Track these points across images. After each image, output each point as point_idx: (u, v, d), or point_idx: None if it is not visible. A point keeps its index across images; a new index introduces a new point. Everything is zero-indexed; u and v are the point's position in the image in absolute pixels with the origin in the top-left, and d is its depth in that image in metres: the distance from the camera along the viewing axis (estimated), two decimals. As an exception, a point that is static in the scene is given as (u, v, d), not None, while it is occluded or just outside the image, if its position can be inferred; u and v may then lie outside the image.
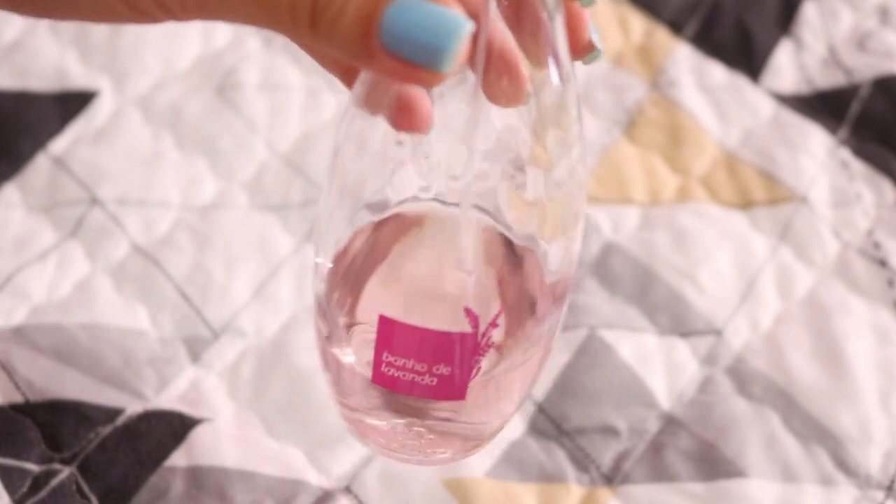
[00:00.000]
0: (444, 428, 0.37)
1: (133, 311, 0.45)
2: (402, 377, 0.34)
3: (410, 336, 0.33)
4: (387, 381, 0.34)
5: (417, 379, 0.34)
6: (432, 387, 0.34)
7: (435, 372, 0.34)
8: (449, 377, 0.34)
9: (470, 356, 0.34)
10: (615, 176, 0.51)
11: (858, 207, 0.50)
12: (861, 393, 0.44)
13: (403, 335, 0.33)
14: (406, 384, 0.34)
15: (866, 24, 0.57)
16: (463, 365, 0.34)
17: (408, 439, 0.37)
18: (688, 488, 0.42)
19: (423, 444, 0.37)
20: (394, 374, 0.34)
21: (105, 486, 0.41)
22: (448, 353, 0.33)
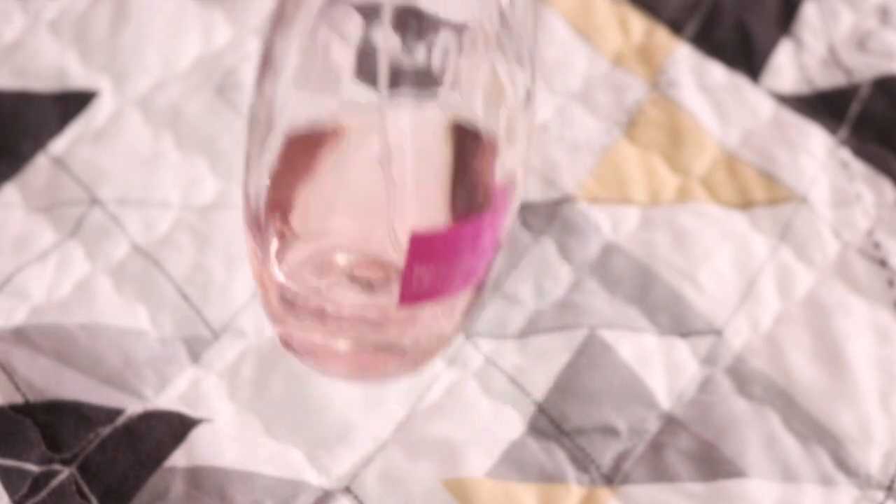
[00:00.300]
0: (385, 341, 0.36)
1: (133, 312, 0.45)
2: (433, 286, 0.33)
3: (441, 243, 0.32)
4: (416, 295, 0.33)
5: (447, 284, 0.33)
6: (454, 286, 0.33)
7: (459, 269, 0.33)
8: (469, 273, 0.33)
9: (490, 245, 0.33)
10: (615, 176, 0.51)
11: (858, 207, 0.50)
12: (861, 393, 0.44)
13: (437, 245, 0.32)
14: (436, 293, 0.33)
15: (866, 24, 0.57)
16: (486, 256, 0.33)
17: (360, 355, 0.36)
18: (688, 488, 0.42)
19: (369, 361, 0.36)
20: (425, 285, 0.33)
21: (105, 486, 0.41)
22: (474, 245, 0.32)
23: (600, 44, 0.56)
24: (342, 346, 0.35)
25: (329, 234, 0.36)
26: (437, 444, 0.42)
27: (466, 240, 0.32)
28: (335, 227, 0.34)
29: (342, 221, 0.33)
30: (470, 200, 0.35)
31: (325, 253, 0.37)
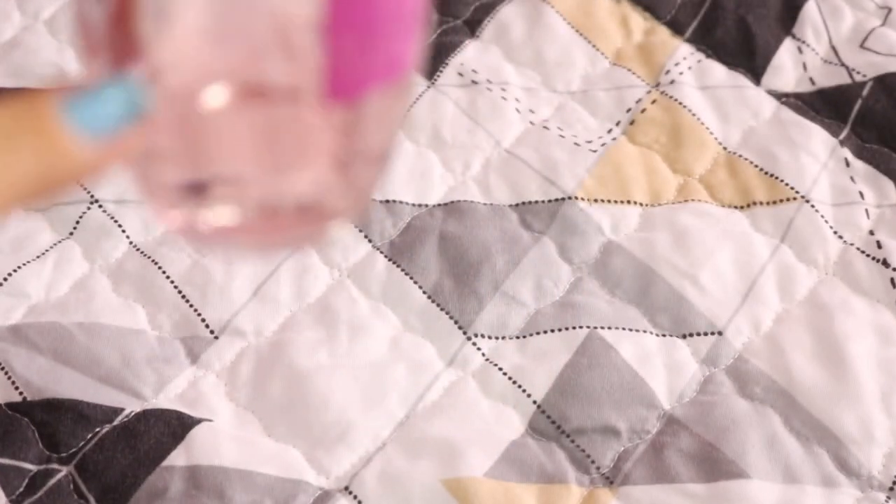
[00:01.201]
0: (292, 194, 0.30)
1: (132, 311, 0.45)
2: (359, 68, 0.27)
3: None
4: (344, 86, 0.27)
5: (379, 60, 0.27)
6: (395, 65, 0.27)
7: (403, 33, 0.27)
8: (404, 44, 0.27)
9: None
10: (616, 176, 0.51)
11: (860, 207, 0.50)
12: (863, 393, 0.44)
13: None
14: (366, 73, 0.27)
15: (868, 24, 0.57)
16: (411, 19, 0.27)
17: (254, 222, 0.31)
18: (688, 489, 0.42)
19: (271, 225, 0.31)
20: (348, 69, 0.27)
21: (103, 485, 0.41)
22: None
23: (601, 43, 0.56)
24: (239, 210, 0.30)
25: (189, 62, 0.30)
26: (437, 444, 0.42)
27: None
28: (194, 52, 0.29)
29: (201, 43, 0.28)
30: None
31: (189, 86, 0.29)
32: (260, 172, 0.29)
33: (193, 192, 0.29)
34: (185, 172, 0.29)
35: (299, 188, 0.30)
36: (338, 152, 0.29)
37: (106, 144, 0.25)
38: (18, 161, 0.24)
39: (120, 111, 0.25)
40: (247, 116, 0.28)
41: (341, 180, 0.30)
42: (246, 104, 0.28)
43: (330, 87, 0.27)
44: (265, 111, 0.28)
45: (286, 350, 0.44)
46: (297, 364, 0.44)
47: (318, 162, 0.29)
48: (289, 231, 0.31)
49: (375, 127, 0.29)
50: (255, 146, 0.29)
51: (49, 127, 0.24)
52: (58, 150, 0.25)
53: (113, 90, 0.25)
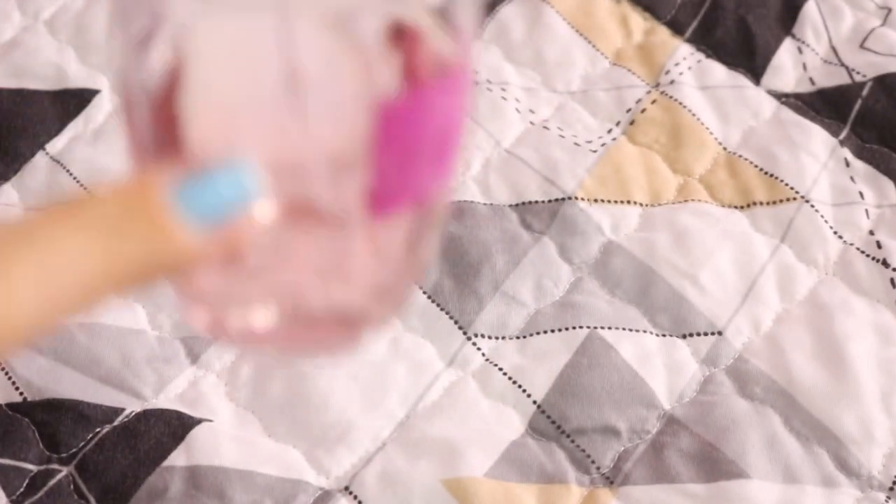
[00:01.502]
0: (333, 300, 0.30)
1: (132, 311, 0.45)
2: (402, 186, 0.27)
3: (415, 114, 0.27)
4: (386, 203, 0.27)
5: (426, 177, 0.27)
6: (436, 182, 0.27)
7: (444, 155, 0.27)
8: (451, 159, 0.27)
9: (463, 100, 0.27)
10: (616, 176, 0.51)
11: (860, 207, 0.50)
12: (862, 393, 0.44)
13: (407, 117, 0.27)
14: (408, 191, 0.27)
15: (868, 24, 0.57)
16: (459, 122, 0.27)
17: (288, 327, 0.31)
18: (688, 489, 0.42)
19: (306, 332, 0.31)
20: (391, 188, 0.27)
21: (103, 485, 0.41)
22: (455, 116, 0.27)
23: (601, 43, 0.56)
24: (273, 315, 0.31)
25: None
26: (437, 444, 0.42)
27: (439, 108, 0.27)
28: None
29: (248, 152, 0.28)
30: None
31: None
32: (297, 285, 0.29)
33: (226, 295, 0.29)
34: (221, 278, 0.29)
35: (335, 299, 0.30)
36: (376, 267, 0.30)
37: (215, 232, 0.24)
38: (125, 247, 0.23)
39: (230, 198, 0.24)
40: (289, 232, 0.28)
41: (378, 291, 0.30)
42: (288, 220, 0.28)
43: (370, 204, 0.27)
44: (307, 227, 0.28)
45: (286, 350, 0.44)
46: (296, 364, 0.44)
47: (356, 276, 0.30)
48: (321, 338, 0.31)
49: (413, 241, 0.30)
50: (294, 260, 0.29)
51: (158, 213, 0.24)
52: (166, 237, 0.24)
53: (223, 176, 0.24)
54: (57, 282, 0.22)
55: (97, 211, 0.23)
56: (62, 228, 0.22)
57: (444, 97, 0.27)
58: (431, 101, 0.27)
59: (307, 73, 0.26)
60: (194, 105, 0.27)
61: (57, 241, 0.22)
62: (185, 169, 0.24)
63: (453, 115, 0.28)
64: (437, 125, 0.28)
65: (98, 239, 0.23)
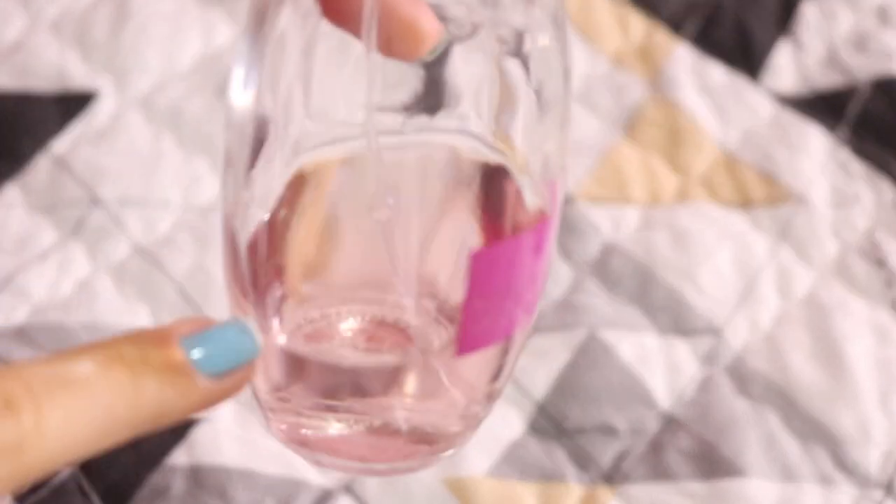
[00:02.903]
0: (416, 422, 0.32)
1: (134, 311, 0.45)
2: (492, 325, 0.29)
3: (501, 261, 0.28)
4: (476, 340, 0.29)
5: (509, 317, 0.29)
6: (522, 319, 0.29)
7: (524, 298, 0.29)
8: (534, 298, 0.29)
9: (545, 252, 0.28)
10: (615, 176, 0.51)
11: (858, 207, 0.50)
12: (860, 393, 0.44)
13: (495, 265, 0.28)
14: (496, 334, 0.29)
15: (866, 25, 0.57)
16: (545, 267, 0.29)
17: (368, 443, 0.32)
18: (687, 488, 0.42)
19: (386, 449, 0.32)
20: (485, 327, 0.29)
21: (106, 484, 0.41)
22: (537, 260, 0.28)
23: (600, 44, 0.56)
24: (355, 428, 0.31)
25: (330, 295, 0.31)
26: (438, 444, 0.42)
27: (528, 253, 0.28)
28: (337, 285, 0.30)
29: (345, 279, 0.29)
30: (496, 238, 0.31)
31: (326, 318, 0.32)
32: (380, 405, 0.31)
33: (310, 409, 0.31)
34: (307, 397, 0.30)
35: (417, 420, 0.31)
36: (459, 395, 0.31)
37: (221, 382, 0.28)
38: (142, 392, 0.26)
39: (237, 352, 0.28)
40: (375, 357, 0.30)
41: (460, 415, 0.31)
42: (376, 336, 0.30)
43: (459, 341, 0.29)
44: (392, 346, 0.30)
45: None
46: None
47: (440, 404, 0.31)
48: (400, 455, 0.32)
49: (496, 372, 0.31)
50: (379, 383, 0.30)
51: (174, 362, 0.26)
52: (180, 385, 0.27)
53: (231, 333, 0.28)
54: (83, 422, 0.25)
55: (123, 356, 0.26)
56: (91, 372, 0.25)
57: (533, 243, 0.28)
58: (522, 248, 0.28)
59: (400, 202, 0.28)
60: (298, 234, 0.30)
61: (86, 384, 0.25)
62: (199, 325, 0.27)
63: (540, 259, 0.29)
64: (525, 270, 0.29)
65: (124, 383, 0.25)
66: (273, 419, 0.33)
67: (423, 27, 0.28)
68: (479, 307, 0.29)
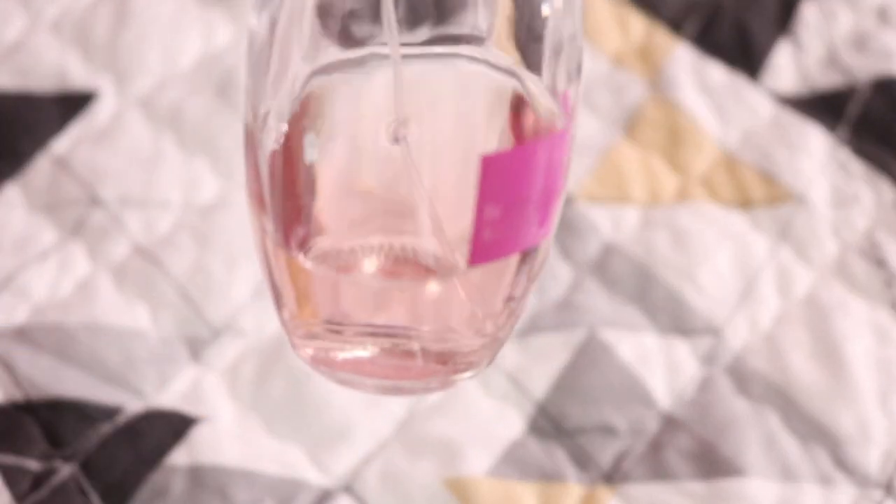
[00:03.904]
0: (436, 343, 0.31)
1: (134, 311, 0.45)
2: (506, 235, 0.28)
3: (515, 167, 0.27)
4: (488, 251, 0.28)
5: (525, 227, 0.28)
6: (536, 230, 0.28)
7: (538, 207, 0.28)
8: (549, 208, 0.28)
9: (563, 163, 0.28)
10: (615, 176, 0.51)
11: (857, 208, 0.50)
12: (860, 393, 0.44)
13: (507, 170, 0.27)
14: (510, 243, 0.28)
15: (865, 25, 0.57)
16: (560, 179, 0.28)
17: (391, 364, 0.31)
18: (687, 487, 0.42)
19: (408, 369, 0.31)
20: (496, 237, 0.28)
21: (106, 483, 0.41)
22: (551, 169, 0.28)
23: (600, 44, 0.56)
24: (378, 349, 0.31)
25: (351, 225, 0.30)
26: (438, 444, 0.42)
27: (541, 163, 0.28)
28: (358, 214, 0.29)
29: (365, 208, 0.28)
30: None
31: (351, 252, 0.31)
32: (401, 326, 0.30)
33: (334, 336, 0.31)
34: (329, 321, 0.30)
35: (438, 342, 0.31)
36: (477, 314, 0.31)
37: None
38: None
39: None
40: (395, 282, 0.30)
41: (479, 337, 0.31)
42: (395, 270, 0.29)
43: (473, 253, 0.28)
44: (412, 277, 0.30)
45: (288, 349, 0.44)
46: (299, 363, 0.44)
47: (458, 322, 0.31)
48: (418, 375, 0.32)
49: (514, 290, 0.30)
50: (399, 308, 0.30)
51: None
52: None
53: None
54: None
55: None
56: None
57: (546, 153, 0.28)
58: (534, 156, 0.28)
59: (416, 124, 0.28)
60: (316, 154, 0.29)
61: None
62: None
63: (554, 170, 0.29)
64: (538, 179, 0.28)
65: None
66: (299, 344, 0.32)
67: None
68: (490, 214, 0.28)
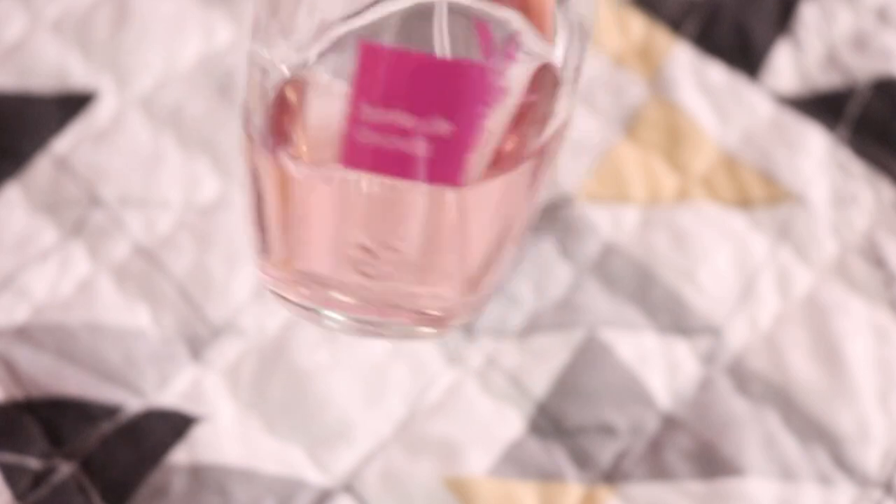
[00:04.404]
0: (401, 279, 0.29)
1: (134, 310, 0.45)
2: (383, 144, 0.25)
3: (403, 69, 0.25)
4: (361, 156, 0.25)
5: (404, 146, 0.25)
6: (421, 158, 0.25)
7: (429, 131, 0.25)
8: (446, 143, 0.25)
9: (476, 101, 0.25)
10: (614, 176, 0.51)
11: (857, 207, 0.50)
12: (859, 392, 0.45)
13: (394, 69, 0.25)
14: (389, 157, 0.25)
15: (865, 25, 0.57)
16: (466, 117, 0.25)
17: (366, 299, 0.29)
18: (687, 487, 0.42)
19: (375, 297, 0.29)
20: (373, 141, 0.25)
21: (106, 482, 0.41)
22: (451, 95, 0.25)
23: (600, 44, 0.56)
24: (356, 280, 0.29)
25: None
26: (438, 443, 0.43)
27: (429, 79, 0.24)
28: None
29: None
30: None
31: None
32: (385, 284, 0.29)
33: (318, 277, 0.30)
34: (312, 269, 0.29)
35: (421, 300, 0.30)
36: (463, 256, 0.30)
37: None
38: None
39: None
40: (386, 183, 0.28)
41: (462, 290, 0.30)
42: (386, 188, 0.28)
43: (343, 154, 0.26)
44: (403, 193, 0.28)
45: (288, 348, 0.44)
46: (298, 362, 0.44)
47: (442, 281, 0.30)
48: (389, 318, 0.31)
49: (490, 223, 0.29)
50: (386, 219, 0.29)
51: None
52: None
53: None
54: None
55: None
56: None
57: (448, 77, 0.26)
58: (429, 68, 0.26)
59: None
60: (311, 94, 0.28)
61: None
62: None
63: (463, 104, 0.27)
64: (428, 99, 0.26)
65: None
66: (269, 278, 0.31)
67: None
68: (366, 114, 0.25)
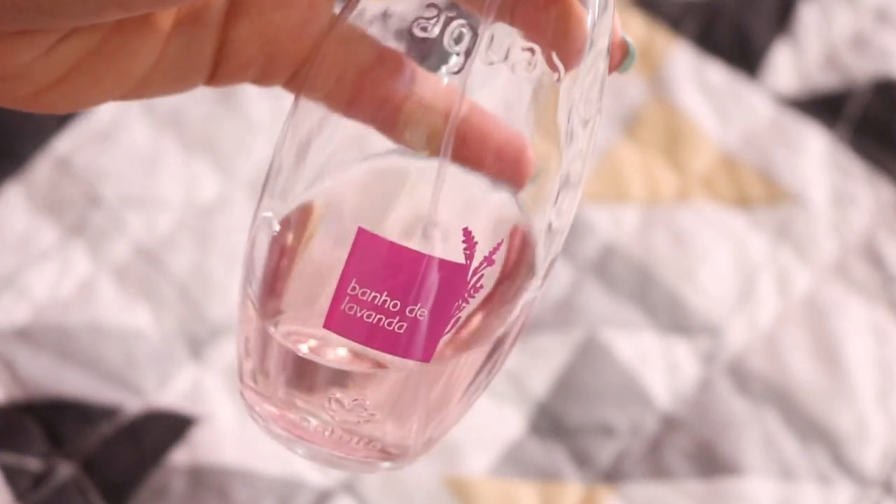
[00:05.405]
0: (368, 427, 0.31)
1: (134, 310, 0.45)
2: (365, 318, 0.28)
3: (394, 260, 0.28)
4: (345, 324, 0.28)
5: (384, 322, 0.28)
6: (397, 336, 0.28)
7: (408, 314, 0.28)
8: (422, 326, 0.28)
9: (454, 297, 0.28)
10: (614, 176, 0.51)
11: (857, 207, 0.50)
12: (858, 392, 0.45)
13: (383, 258, 0.28)
14: (366, 329, 0.28)
15: (864, 25, 0.57)
16: (442, 308, 0.28)
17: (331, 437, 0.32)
18: (686, 486, 0.42)
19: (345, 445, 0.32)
20: (356, 314, 0.28)
21: (106, 483, 0.41)
22: (432, 289, 0.28)
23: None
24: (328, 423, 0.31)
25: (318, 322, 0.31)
26: (437, 443, 0.43)
27: (414, 273, 0.28)
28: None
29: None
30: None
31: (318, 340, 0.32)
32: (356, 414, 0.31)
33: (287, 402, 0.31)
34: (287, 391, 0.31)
35: (377, 432, 0.31)
36: (430, 413, 0.31)
37: None
38: None
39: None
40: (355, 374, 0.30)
41: (416, 433, 0.32)
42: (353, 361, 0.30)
43: (327, 317, 0.29)
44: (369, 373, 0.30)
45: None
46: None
47: (411, 419, 0.31)
48: (357, 458, 0.32)
49: (452, 391, 0.31)
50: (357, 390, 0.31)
51: None
52: None
53: None
54: None
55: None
56: None
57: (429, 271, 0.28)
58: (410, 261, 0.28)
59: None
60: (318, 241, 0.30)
61: None
62: None
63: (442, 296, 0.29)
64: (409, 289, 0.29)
65: None
66: (255, 405, 0.33)
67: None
68: (352, 288, 0.28)
